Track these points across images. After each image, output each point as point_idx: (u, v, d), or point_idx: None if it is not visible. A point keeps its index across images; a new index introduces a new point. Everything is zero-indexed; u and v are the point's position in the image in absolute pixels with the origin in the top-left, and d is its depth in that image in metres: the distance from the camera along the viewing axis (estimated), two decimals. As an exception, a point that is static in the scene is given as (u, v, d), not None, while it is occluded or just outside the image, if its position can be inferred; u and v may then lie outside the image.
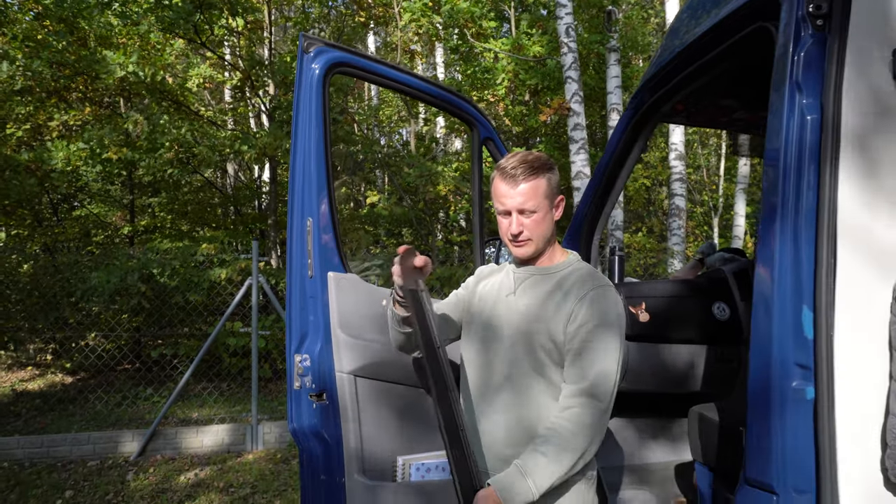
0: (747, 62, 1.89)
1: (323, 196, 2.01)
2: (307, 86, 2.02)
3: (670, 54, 2.05)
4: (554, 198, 1.65)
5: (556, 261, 1.70)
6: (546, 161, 1.63)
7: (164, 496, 4.54)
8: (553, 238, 1.69)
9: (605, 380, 1.54)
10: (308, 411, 1.99)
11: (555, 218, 1.66)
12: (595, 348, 1.55)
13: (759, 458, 1.45)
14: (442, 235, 11.12)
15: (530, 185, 1.59)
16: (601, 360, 1.54)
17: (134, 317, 7.53)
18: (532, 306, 1.63)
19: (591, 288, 1.60)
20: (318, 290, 2.00)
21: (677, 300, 2.70)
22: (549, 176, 1.62)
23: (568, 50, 7.50)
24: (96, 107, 8.67)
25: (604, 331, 1.56)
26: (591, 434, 1.52)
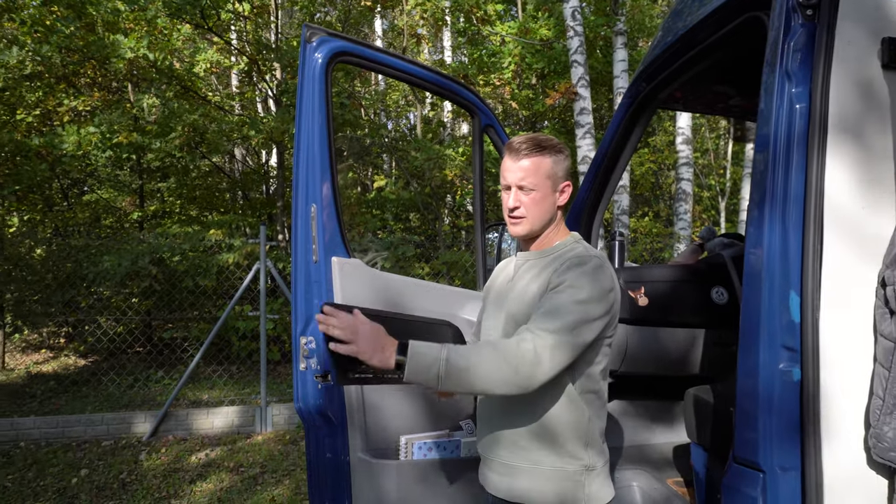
0: (742, 50, 1.91)
1: (326, 183, 2.06)
2: (310, 76, 2.06)
3: (666, 44, 2.08)
4: (558, 182, 1.61)
5: (554, 244, 1.66)
6: (555, 144, 1.60)
7: (177, 475, 4.66)
8: (554, 222, 1.65)
9: (552, 334, 1.41)
10: (314, 392, 2.06)
11: (557, 203, 1.63)
12: (554, 303, 1.46)
13: (747, 437, 1.50)
14: (449, 220, 11.15)
15: (532, 162, 1.57)
16: (556, 314, 1.44)
17: (144, 300, 7.65)
18: (521, 290, 1.62)
19: (569, 258, 1.54)
20: (322, 274, 2.06)
21: (676, 284, 2.74)
22: (556, 158, 1.59)
23: (574, 33, 7.47)
24: (105, 92, 8.73)
25: (572, 292, 1.46)
26: (517, 365, 1.39)
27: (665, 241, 9.82)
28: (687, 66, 2.04)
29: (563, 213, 1.68)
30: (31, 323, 7.78)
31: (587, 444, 1.57)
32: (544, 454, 1.55)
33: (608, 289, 1.51)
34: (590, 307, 1.46)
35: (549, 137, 1.61)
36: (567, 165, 1.63)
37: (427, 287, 2.35)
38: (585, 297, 1.46)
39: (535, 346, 1.40)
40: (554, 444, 1.55)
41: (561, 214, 1.67)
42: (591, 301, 1.47)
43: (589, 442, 1.57)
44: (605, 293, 1.50)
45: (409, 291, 2.26)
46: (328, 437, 2.07)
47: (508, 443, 1.59)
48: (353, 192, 12.17)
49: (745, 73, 2.23)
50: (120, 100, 8.68)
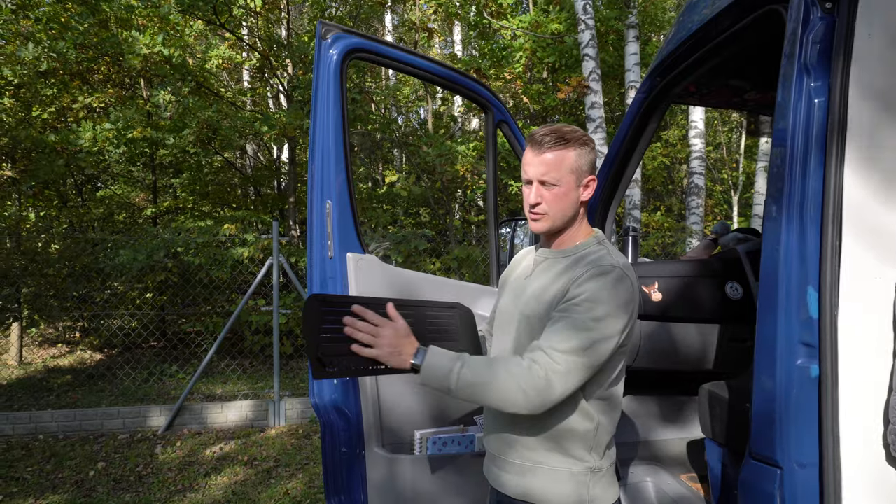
0: (758, 44, 1.89)
1: (341, 179, 2.07)
2: (325, 72, 2.06)
3: (681, 38, 2.06)
4: (582, 176, 1.52)
5: (576, 242, 1.58)
6: (580, 136, 1.51)
7: (192, 468, 4.71)
8: (577, 219, 1.57)
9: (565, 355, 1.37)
10: (329, 386, 2.07)
11: (581, 198, 1.55)
12: (570, 320, 1.40)
13: (764, 433, 1.50)
14: (459, 215, 11.15)
15: (555, 156, 1.49)
16: (571, 333, 1.38)
17: (159, 295, 7.72)
18: (538, 290, 1.54)
19: (591, 267, 1.45)
20: (337, 270, 2.07)
21: (690, 280, 2.73)
22: (580, 151, 1.51)
23: (585, 27, 7.43)
24: (119, 89, 8.80)
25: (589, 307, 1.40)
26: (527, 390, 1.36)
27: (677, 236, 9.76)
28: (702, 61, 2.02)
29: (585, 206, 1.61)
30: (48, 317, 7.88)
31: (592, 448, 1.53)
32: (549, 455, 1.53)
33: (628, 301, 1.44)
34: (607, 324, 1.41)
35: (573, 129, 1.53)
36: (592, 159, 1.55)
37: (442, 283, 2.35)
38: (602, 314, 1.40)
39: (546, 372, 1.37)
40: (558, 447, 1.53)
41: (584, 211, 1.59)
42: (608, 317, 1.41)
43: (595, 446, 1.54)
44: (624, 307, 1.43)
45: (424, 287, 2.26)
46: (343, 431, 2.09)
47: (514, 443, 1.57)
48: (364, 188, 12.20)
49: (761, 67, 2.21)
50: (133, 96, 8.75)
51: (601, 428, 1.53)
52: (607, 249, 1.56)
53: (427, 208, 11.24)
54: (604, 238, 1.62)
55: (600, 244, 1.58)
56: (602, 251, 1.54)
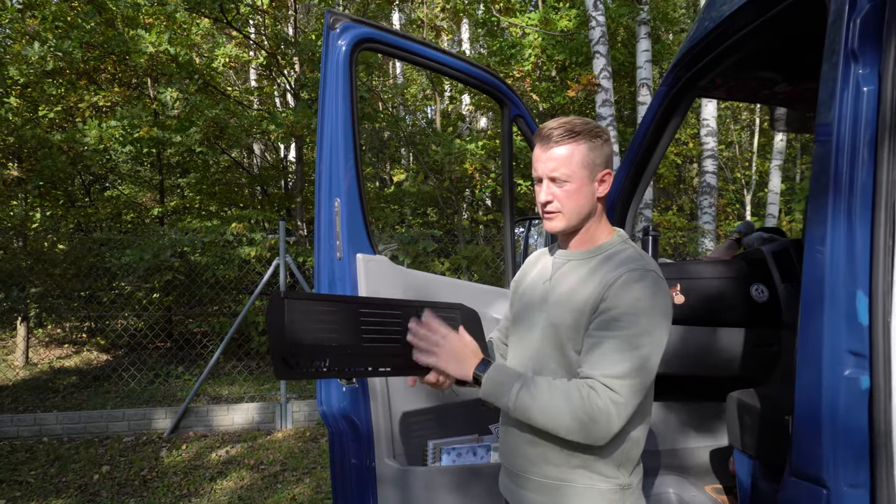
0: (793, 32, 1.78)
1: (351, 176, 1.97)
2: (333, 63, 1.96)
3: (708, 27, 1.95)
4: (596, 170, 1.43)
5: (598, 242, 1.48)
6: (592, 128, 1.42)
7: (197, 472, 4.62)
8: (594, 216, 1.48)
9: (622, 380, 1.30)
10: (338, 394, 1.98)
11: (597, 194, 1.45)
12: (618, 339, 1.32)
13: (808, 449, 1.38)
14: (468, 215, 11.04)
15: (565, 150, 1.41)
16: (622, 354, 1.31)
17: (165, 296, 7.66)
18: (563, 295, 1.44)
19: (625, 271, 1.35)
20: (346, 272, 1.97)
21: (714, 281, 2.62)
22: (592, 144, 1.42)
23: (596, 24, 7.32)
24: (125, 88, 8.75)
25: (632, 320, 1.31)
26: (586, 421, 1.30)
27: (689, 235, 9.62)
28: (733, 49, 1.91)
29: (602, 202, 1.50)
30: (55, 317, 7.83)
31: (622, 464, 1.43)
32: (575, 472, 1.42)
33: (667, 305, 1.37)
34: (653, 335, 1.33)
35: (585, 121, 1.44)
36: (607, 152, 1.45)
37: (455, 284, 2.25)
38: (648, 326, 1.33)
39: (606, 403, 1.29)
40: (585, 463, 1.42)
41: (602, 207, 1.49)
42: (654, 328, 1.33)
43: (624, 462, 1.44)
44: (665, 313, 1.36)
45: (437, 289, 2.16)
46: (353, 441, 1.99)
47: (536, 458, 1.46)
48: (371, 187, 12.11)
49: (794, 58, 2.10)
50: (140, 95, 8.69)
51: (631, 442, 1.43)
52: (634, 250, 1.45)
53: (434, 208, 11.14)
54: (627, 237, 1.52)
55: (625, 243, 1.48)
56: (630, 250, 1.45)
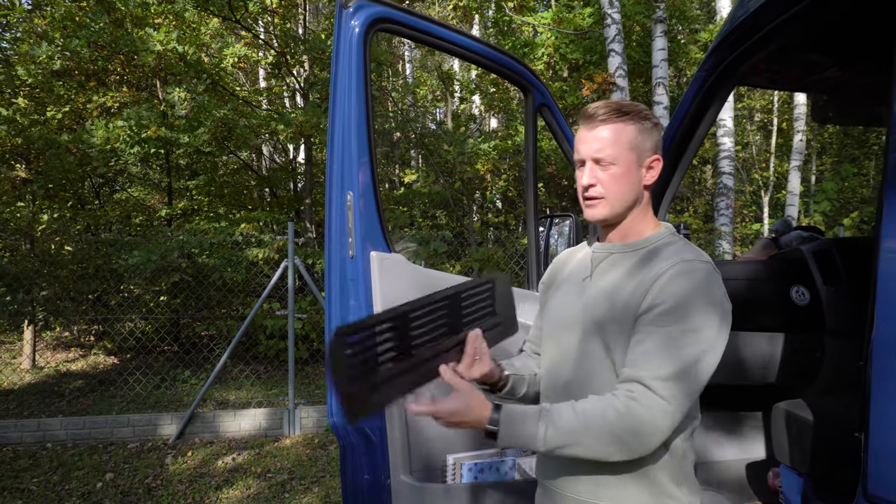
0: (852, 7, 1.61)
1: (364, 167, 1.81)
2: (346, 45, 1.81)
3: (755, 3, 1.78)
4: (644, 155, 1.31)
5: (644, 234, 1.35)
6: (641, 110, 1.31)
7: (203, 480, 4.48)
8: (639, 206, 1.34)
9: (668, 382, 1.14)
10: (350, 404, 1.82)
11: (644, 181, 1.32)
12: (664, 335, 1.17)
13: (888, 472, 1.21)
14: (478, 217, 10.88)
15: (611, 130, 1.29)
16: (669, 353, 1.16)
17: (172, 299, 7.54)
18: (606, 292, 1.30)
19: (676, 261, 1.22)
20: (359, 271, 1.81)
21: (751, 283, 2.44)
22: (640, 126, 1.30)
23: (612, 21, 7.16)
24: (134, 89, 8.66)
25: (682, 315, 1.17)
26: (628, 439, 1.15)
27: (705, 238, 9.41)
28: (779, 31, 1.73)
29: (649, 192, 1.37)
30: (62, 320, 7.73)
31: (680, 481, 1.29)
32: (632, 492, 1.26)
33: (723, 300, 1.22)
34: (707, 333, 1.17)
35: (633, 103, 1.32)
36: (656, 137, 1.33)
37: None
38: (700, 322, 1.17)
39: (650, 410, 1.14)
40: (642, 480, 1.26)
41: (648, 197, 1.36)
42: (707, 325, 1.18)
43: (682, 478, 1.29)
44: (721, 308, 1.20)
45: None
46: (366, 456, 1.83)
47: (586, 477, 1.30)
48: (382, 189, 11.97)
49: (848, 38, 1.92)
50: (149, 97, 8.60)
51: (686, 455, 1.30)
52: (683, 242, 1.31)
53: (444, 210, 10.98)
54: (675, 231, 1.37)
55: (674, 235, 1.35)
56: (680, 243, 1.30)
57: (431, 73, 14.53)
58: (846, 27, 1.90)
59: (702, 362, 1.17)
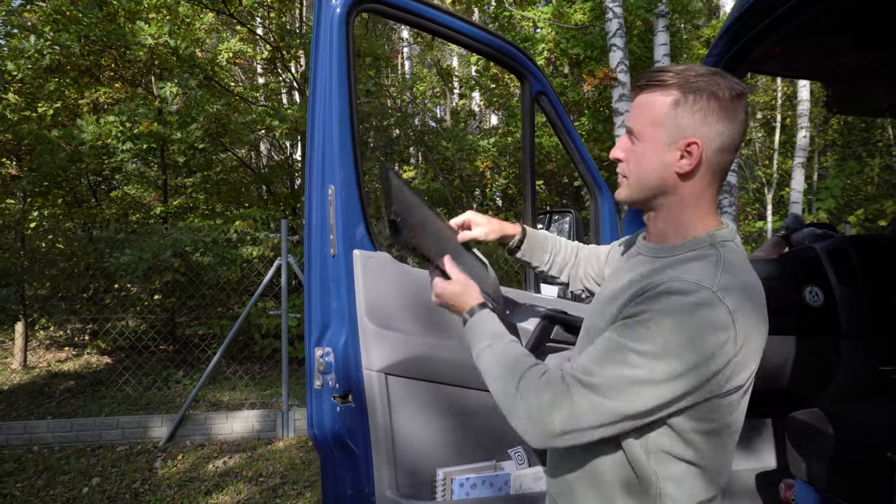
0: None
1: (347, 159, 1.68)
2: (326, 28, 1.68)
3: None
4: (677, 134, 1.07)
5: (676, 240, 1.13)
6: (692, 79, 1.06)
7: (192, 485, 4.35)
8: (669, 197, 1.12)
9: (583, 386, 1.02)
10: (331, 415, 1.69)
11: (674, 167, 1.09)
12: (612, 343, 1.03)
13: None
14: (478, 214, 10.72)
15: (644, 100, 1.10)
16: (604, 360, 1.02)
17: (166, 299, 7.41)
18: (609, 296, 1.16)
19: (670, 279, 1.02)
20: (341, 271, 1.68)
21: (762, 283, 2.31)
22: (683, 98, 1.06)
23: (613, 16, 7.03)
24: (127, 85, 8.52)
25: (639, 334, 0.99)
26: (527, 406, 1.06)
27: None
28: (799, 10, 1.60)
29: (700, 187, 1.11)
30: (52, 319, 7.60)
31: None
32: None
33: (702, 341, 0.97)
34: (659, 366, 0.97)
35: (685, 67, 1.08)
36: (704, 116, 1.06)
37: None
38: (655, 350, 0.98)
39: (555, 396, 1.04)
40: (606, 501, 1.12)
41: (692, 190, 1.11)
42: (662, 356, 0.97)
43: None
44: (692, 346, 0.97)
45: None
46: (349, 470, 1.69)
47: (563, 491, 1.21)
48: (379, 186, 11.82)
49: (868, 21, 1.78)
50: (145, 93, 8.46)
51: (665, 497, 1.07)
52: (717, 256, 1.06)
53: (443, 208, 10.85)
54: (727, 238, 1.11)
55: (712, 247, 1.08)
56: (709, 258, 1.06)
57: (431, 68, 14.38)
58: (865, 9, 1.76)
59: (632, 391, 0.99)
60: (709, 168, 1.09)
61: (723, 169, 1.11)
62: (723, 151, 1.08)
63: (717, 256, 1.06)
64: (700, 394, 1.00)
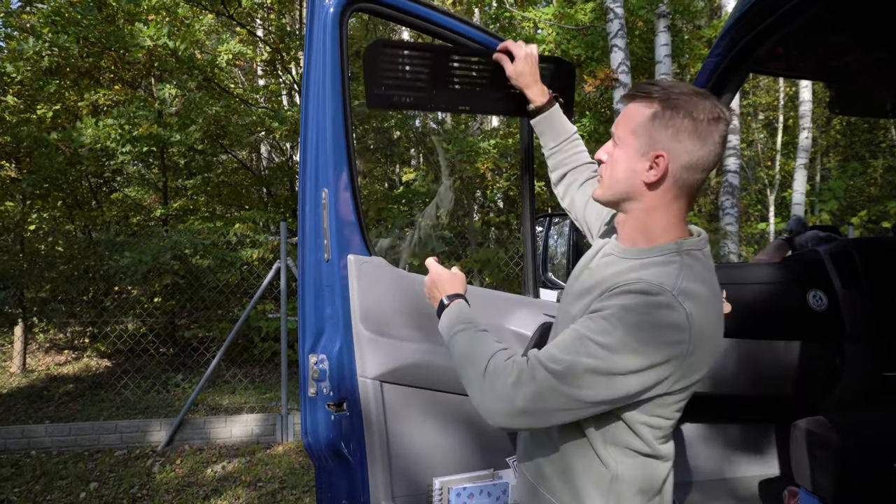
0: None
1: (341, 162, 1.64)
2: (320, 27, 1.64)
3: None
4: (648, 146, 1.12)
5: (642, 244, 1.18)
6: (674, 95, 1.10)
7: (190, 490, 4.32)
8: (635, 202, 1.18)
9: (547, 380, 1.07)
10: (325, 423, 1.65)
11: (641, 176, 1.14)
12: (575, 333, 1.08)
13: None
14: (479, 217, 10.71)
15: (630, 108, 1.16)
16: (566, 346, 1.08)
17: (165, 301, 7.38)
18: (577, 292, 1.22)
19: (633, 280, 1.08)
20: (335, 276, 1.64)
21: (765, 287, 2.27)
22: (661, 112, 1.10)
23: (614, 16, 7.01)
24: (127, 87, 8.50)
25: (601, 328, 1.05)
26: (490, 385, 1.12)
27: (710, 238, 9.22)
28: (804, 7, 1.56)
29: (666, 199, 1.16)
30: (54, 322, 7.58)
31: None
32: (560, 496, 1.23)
33: (661, 339, 1.03)
34: (615, 359, 1.03)
35: (675, 84, 1.13)
36: (678, 132, 1.10)
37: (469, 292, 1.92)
38: (615, 343, 1.03)
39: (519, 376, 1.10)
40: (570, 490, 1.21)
41: (660, 201, 1.16)
42: (620, 350, 1.03)
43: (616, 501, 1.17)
44: (652, 344, 1.03)
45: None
46: (344, 479, 1.66)
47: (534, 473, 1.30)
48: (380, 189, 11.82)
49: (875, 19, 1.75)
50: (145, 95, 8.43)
51: (620, 481, 1.17)
52: (681, 263, 1.12)
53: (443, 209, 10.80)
54: (693, 247, 1.15)
55: (678, 255, 1.13)
56: (672, 265, 1.11)
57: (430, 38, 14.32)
58: (869, 8, 1.73)
59: (590, 380, 1.05)
60: (675, 182, 1.14)
61: (690, 186, 1.15)
62: (690, 169, 1.13)
63: (681, 263, 1.11)
64: (653, 390, 1.07)
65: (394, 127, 8.86)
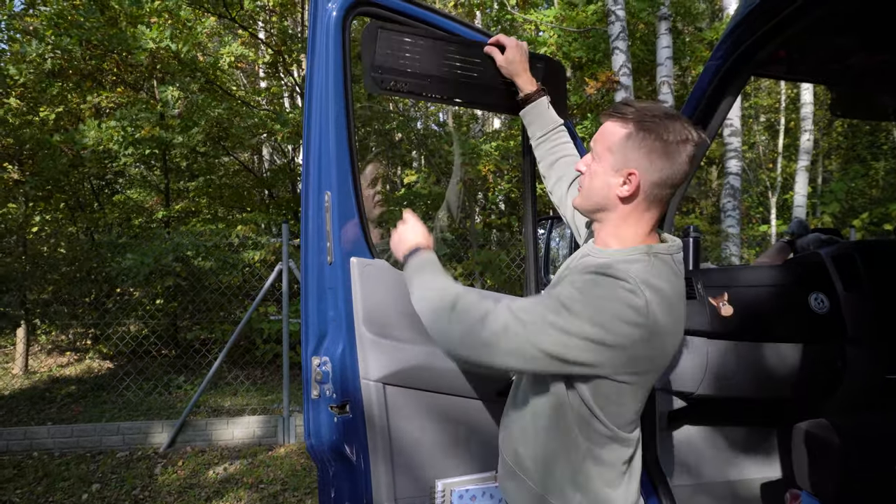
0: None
1: (344, 164, 1.65)
2: (322, 32, 1.65)
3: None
4: (621, 163, 1.24)
5: (618, 246, 1.30)
6: (647, 118, 1.21)
7: (192, 492, 4.32)
8: (613, 214, 1.29)
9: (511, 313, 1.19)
10: (328, 426, 1.66)
11: (615, 191, 1.26)
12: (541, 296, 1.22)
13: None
14: (480, 219, 10.71)
15: (608, 126, 1.28)
16: (533, 302, 1.20)
17: (167, 303, 7.40)
18: (557, 280, 1.41)
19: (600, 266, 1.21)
20: (338, 279, 1.65)
21: (766, 290, 2.28)
22: (635, 132, 1.22)
23: (616, 18, 7.02)
24: (130, 89, 8.52)
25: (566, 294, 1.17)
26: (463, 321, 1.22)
27: (712, 240, 9.22)
28: (807, 10, 1.56)
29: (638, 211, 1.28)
30: (56, 324, 7.60)
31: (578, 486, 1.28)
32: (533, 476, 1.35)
33: (620, 319, 1.13)
34: (574, 321, 1.14)
35: (650, 107, 1.22)
36: (649, 152, 1.21)
37: None
38: (576, 307, 1.15)
39: (485, 314, 1.21)
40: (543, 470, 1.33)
41: (630, 212, 1.28)
42: (580, 314, 1.14)
43: (582, 486, 1.28)
44: (606, 315, 1.13)
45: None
46: (347, 482, 1.66)
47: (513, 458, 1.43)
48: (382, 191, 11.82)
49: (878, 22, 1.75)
50: (148, 98, 8.46)
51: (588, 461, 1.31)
52: (649, 262, 1.22)
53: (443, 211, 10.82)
54: (662, 252, 1.26)
55: (647, 255, 1.24)
56: (638, 265, 1.21)
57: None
58: (871, 10, 1.73)
59: (548, 331, 1.15)
60: (646, 197, 1.25)
61: (660, 200, 1.26)
62: (660, 186, 1.24)
63: (650, 262, 1.22)
64: (598, 368, 1.16)
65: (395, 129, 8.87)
